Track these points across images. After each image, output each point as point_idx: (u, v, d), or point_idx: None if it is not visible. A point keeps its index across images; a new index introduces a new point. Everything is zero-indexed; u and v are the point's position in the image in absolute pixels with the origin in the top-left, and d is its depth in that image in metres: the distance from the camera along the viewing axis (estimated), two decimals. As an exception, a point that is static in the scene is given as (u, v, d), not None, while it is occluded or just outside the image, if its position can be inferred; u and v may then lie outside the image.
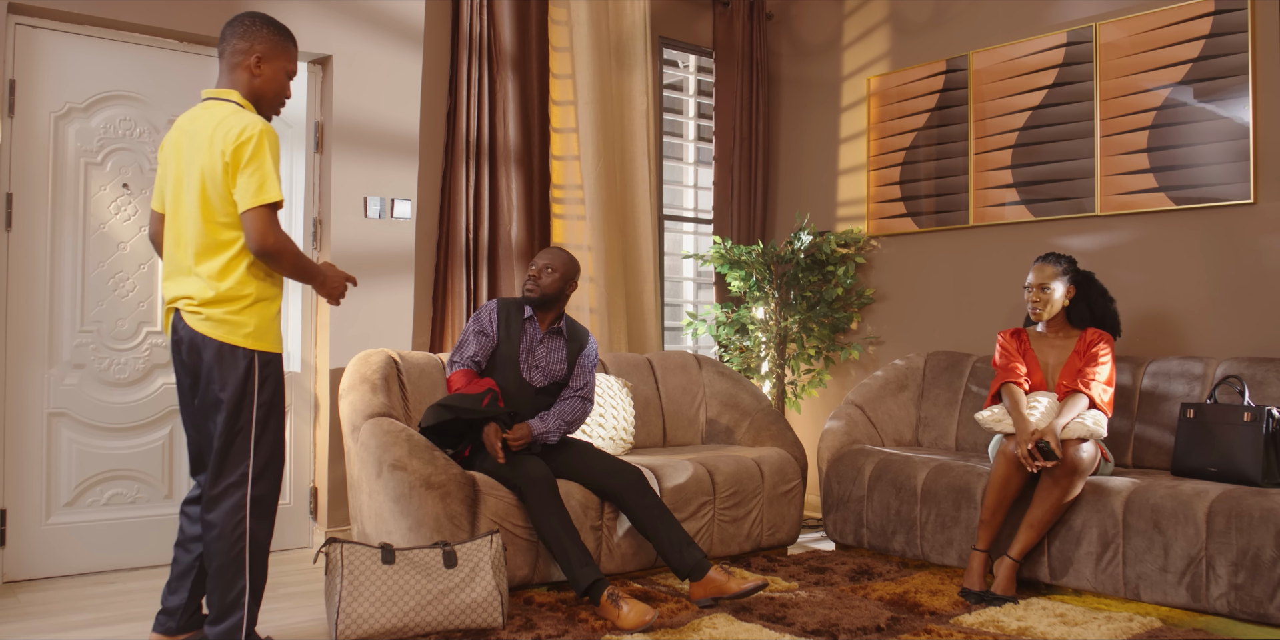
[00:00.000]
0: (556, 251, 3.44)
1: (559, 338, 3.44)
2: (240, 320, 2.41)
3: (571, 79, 4.50)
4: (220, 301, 2.40)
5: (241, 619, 2.43)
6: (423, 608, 2.72)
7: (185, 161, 2.44)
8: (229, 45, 2.50)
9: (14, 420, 3.31)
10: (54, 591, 3.21)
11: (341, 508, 3.82)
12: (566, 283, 3.40)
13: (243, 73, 2.49)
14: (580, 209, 4.47)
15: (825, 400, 5.03)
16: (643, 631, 2.78)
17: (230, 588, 2.43)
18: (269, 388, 2.45)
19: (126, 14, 3.39)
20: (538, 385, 3.37)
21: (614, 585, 3.01)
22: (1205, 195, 3.74)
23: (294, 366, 3.84)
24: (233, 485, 2.43)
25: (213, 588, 2.45)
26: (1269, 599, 2.80)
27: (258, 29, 2.50)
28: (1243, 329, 3.67)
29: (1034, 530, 3.18)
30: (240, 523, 2.42)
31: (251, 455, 2.44)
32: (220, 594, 2.43)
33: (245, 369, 2.41)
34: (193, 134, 2.44)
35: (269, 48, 2.51)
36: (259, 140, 2.36)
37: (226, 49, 2.51)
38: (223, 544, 2.41)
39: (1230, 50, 3.68)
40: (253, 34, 2.50)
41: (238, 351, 2.40)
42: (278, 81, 2.54)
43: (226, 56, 2.51)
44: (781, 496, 3.81)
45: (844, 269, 4.76)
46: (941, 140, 4.58)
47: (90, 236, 3.45)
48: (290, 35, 2.58)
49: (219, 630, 2.44)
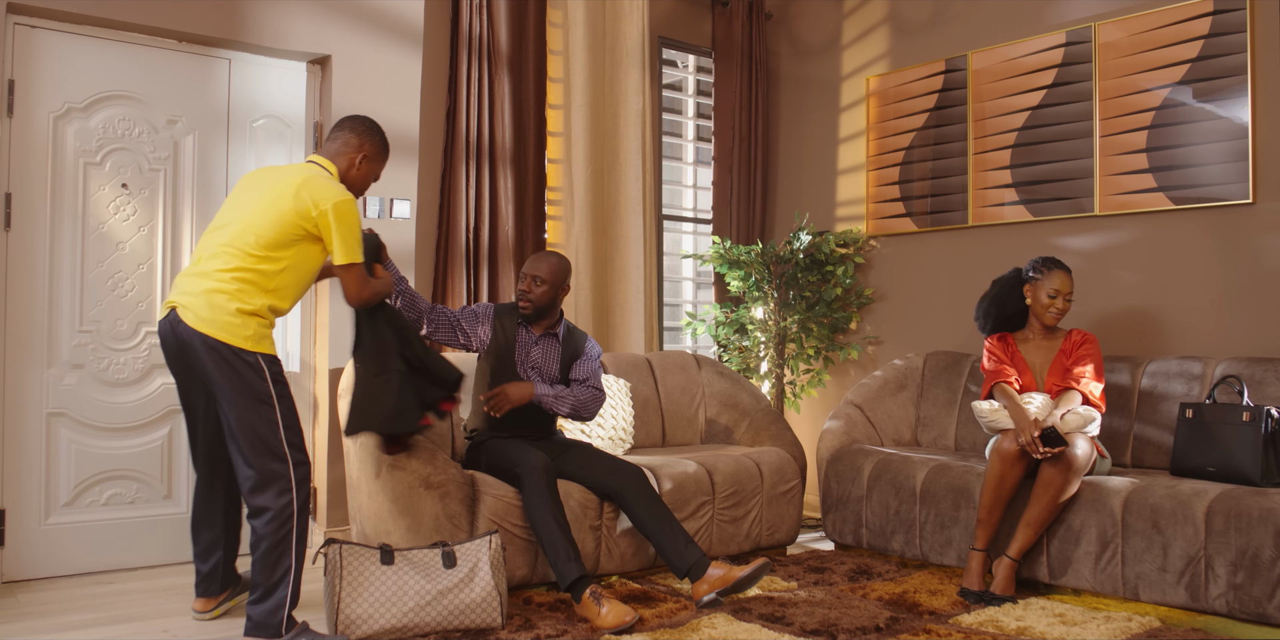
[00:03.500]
0: (543, 259, 3.39)
1: (554, 340, 3.44)
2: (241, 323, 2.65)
3: (567, 83, 4.51)
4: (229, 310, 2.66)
5: (285, 598, 2.62)
6: (421, 608, 2.72)
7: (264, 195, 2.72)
8: (341, 136, 2.90)
9: (13, 420, 3.31)
10: (53, 591, 3.21)
11: (340, 508, 3.81)
12: (558, 290, 3.38)
13: (344, 160, 2.88)
14: (573, 212, 4.48)
15: (824, 400, 5.03)
16: (624, 632, 2.77)
17: (276, 568, 2.62)
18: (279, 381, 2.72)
19: (126, 14, 3.39)
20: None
21: (602, 584, 3.00)
22: (1204, 195, 3.74)
23: (293, 366, 3.84)
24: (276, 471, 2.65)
25: (259, 568, 2.62)
26: (1268, 599, 2.81)
27: (370, 132, 2.92)
28: (1242, 329, 3.67)
29: (1032, 529, 3.19)
30: (288, 505, 2.63)
31: (284, 439, 2.67)
32: (266, 574, 2.62)
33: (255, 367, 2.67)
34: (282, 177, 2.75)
35: (375, 151, 2.93)
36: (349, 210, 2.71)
37: (338, 137, 2.90)
38: (273, 526, 2.61)
39: (1229, 50, 3.68)
40: (364, 132, 2.91)
41: (242, 352, 2.64)
42: (368, 179, 2.95)
43: (336, 142, 2.89)
44: (781, 496, 3.81)
45: (843, 269, 4.76)
46: (941, 140, 4.59)
47: (89, 236, 3.45)
48: (389, 148, 2.99)
49: (262, 609, 2.61)
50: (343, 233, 2.68)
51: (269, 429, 2.63)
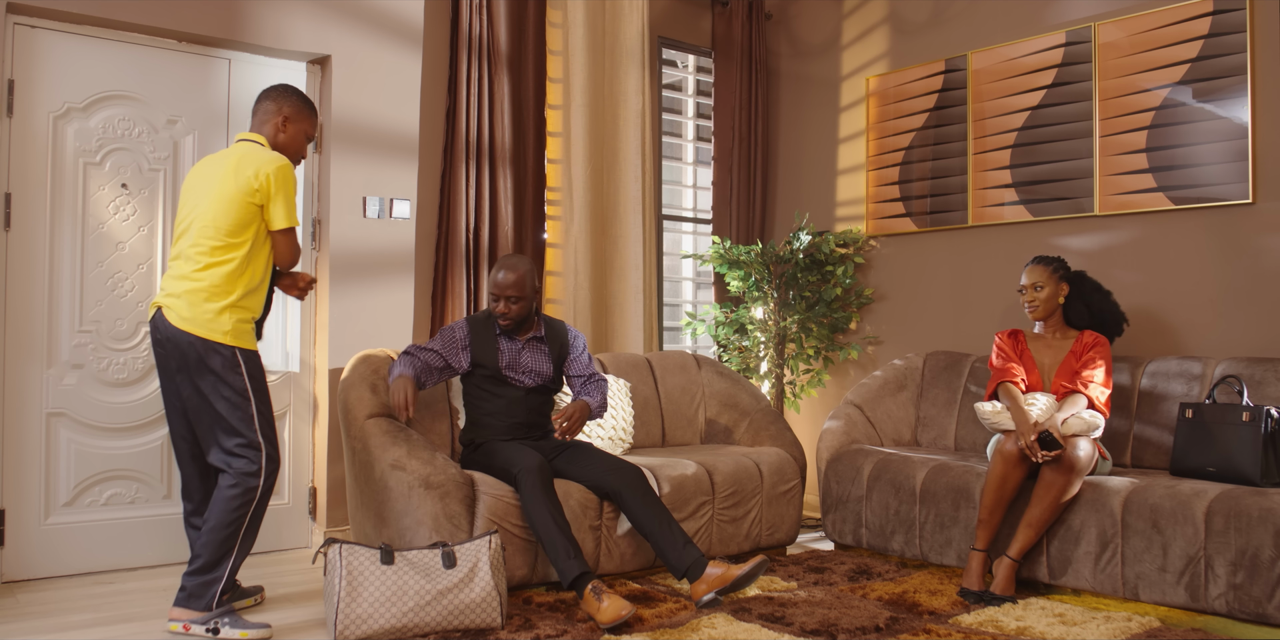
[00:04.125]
0: (510, 275, 3.31)
1: (539, 343, 3.46)
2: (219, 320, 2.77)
3: (566, 83, 4.50)
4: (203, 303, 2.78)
5: (223, 576, 2.72)
6: (421, 608, 2.72)
7: (209, 184, 2.81)
8: (261, 106, 2.96)
9: (13, 420, 3.31)
10: (53, 591, 3.21)
11: (340, 508, 3.81)
12: (533, 298, 3.39)
13: (269, 127, 2.95)
14: (572, 212, 4.48)
15: (824, 400, 5.03)
16: (621, 625, 2.77)
17: (222, 545, 2.73)
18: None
19: (125, 14, 3.39)
20: (531, 386, 3.41)
21: (604, 581, 3.00)
22: (1204, 195, 3.74)
23: (294, 366, 3.84)
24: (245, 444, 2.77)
25: (206, 540, 2.71)
26: (1268, 599, 2.81)
27: (288, 95, 2.98)
28: (1241, 329, 3.67)
29: (1032, 529, 3.19)
30: (254, 488, 2.75)
31: (259, 431, 2.80)
32: (212, 548, 2.72)
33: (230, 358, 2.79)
34: (219, 161, 2.85)
35: (295, 111, 2.97)
36: (284, 174, 2.80)
37: (259, 110, 2.96)
38: (237, 499, 2.73)
39: (1229, 50, 3.68)
40: (281, 97, 2.96)
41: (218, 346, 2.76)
42: (298, 142, 3.00)
43: (258, 115, 2.96)
44: (780, 496, 3.81)
45: (843, 269, 4.76)
46: (940, 140, 4.59)
47: (89, 236, 3.45)
48: (313, 106, 3.04)
49: (198, 581, 2.71)
50: (281, 197, 2.79)
51: (245, 423, 2.77)
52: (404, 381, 3.20)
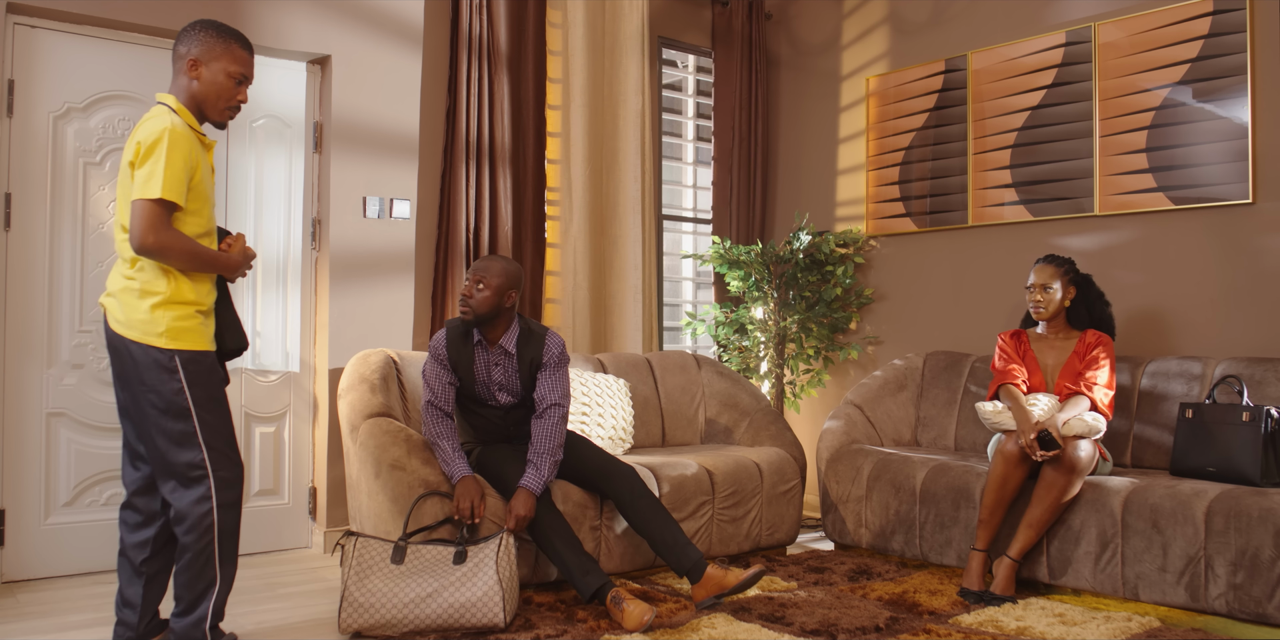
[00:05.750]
0: (489, 263, 3.15)
1: (508, 360, 3.20)
2: (154, 319, 2.40)
3: (566, 83, 4.50)
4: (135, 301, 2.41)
5: (207, 613, 2.47)
6: (423, 601, 2.74)
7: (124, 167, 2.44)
8: (173, 53, 2.50)
9: (13, 420, 3.31)
10: (52, 591, 3.21)
11: (341, 508, 3.81)
12: (503, 295, 3.12)
13: (181, 78, 2.49)
14: (571, 212, 4.48)
15: (824, 400, 5.03)
16: (642, 632, 2.78)
17: (199, 579, 2.46)
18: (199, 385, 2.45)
19: (125, 14, 3.39)
20: (506, 404, 3.25)
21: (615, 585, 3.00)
22: (1204, 195, 3.74)
23: (294, 366, 3.84)
24: (194, 477, 2.44)
25: (182, 580, 2.46)
26: (1268, 599, 2.81)
27: (195, 32, 2.48)
28: (1241, 329, 3.67)
29: (1033, 530, 3.19)
30: (208, 513, 2.43)
31: (203, 445, 2.44)
32: (189, 586, 2.45)
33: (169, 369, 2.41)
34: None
35: (205, 50, 2.47)
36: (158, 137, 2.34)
37: (172, 57, 2.50)
38: (193, 536, 2.43)
39: (1229, 50, 3.68)
40: (189, 38, 2.48)
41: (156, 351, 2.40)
42: (218, 84, 2.49)
43: (173, 64, 2.50)
44: (780, 496, 3.81)
45: (843, 269, 4.76)
46: (940, 140, 4.59)
47: (89, 236, 3.45)
48: (235, 36, 2.52)
49: (186, 622, 2.47)
50: (150, 162, 2.33)
51: (184, 437, 2.41)
52: (471, 486, 2.99)
